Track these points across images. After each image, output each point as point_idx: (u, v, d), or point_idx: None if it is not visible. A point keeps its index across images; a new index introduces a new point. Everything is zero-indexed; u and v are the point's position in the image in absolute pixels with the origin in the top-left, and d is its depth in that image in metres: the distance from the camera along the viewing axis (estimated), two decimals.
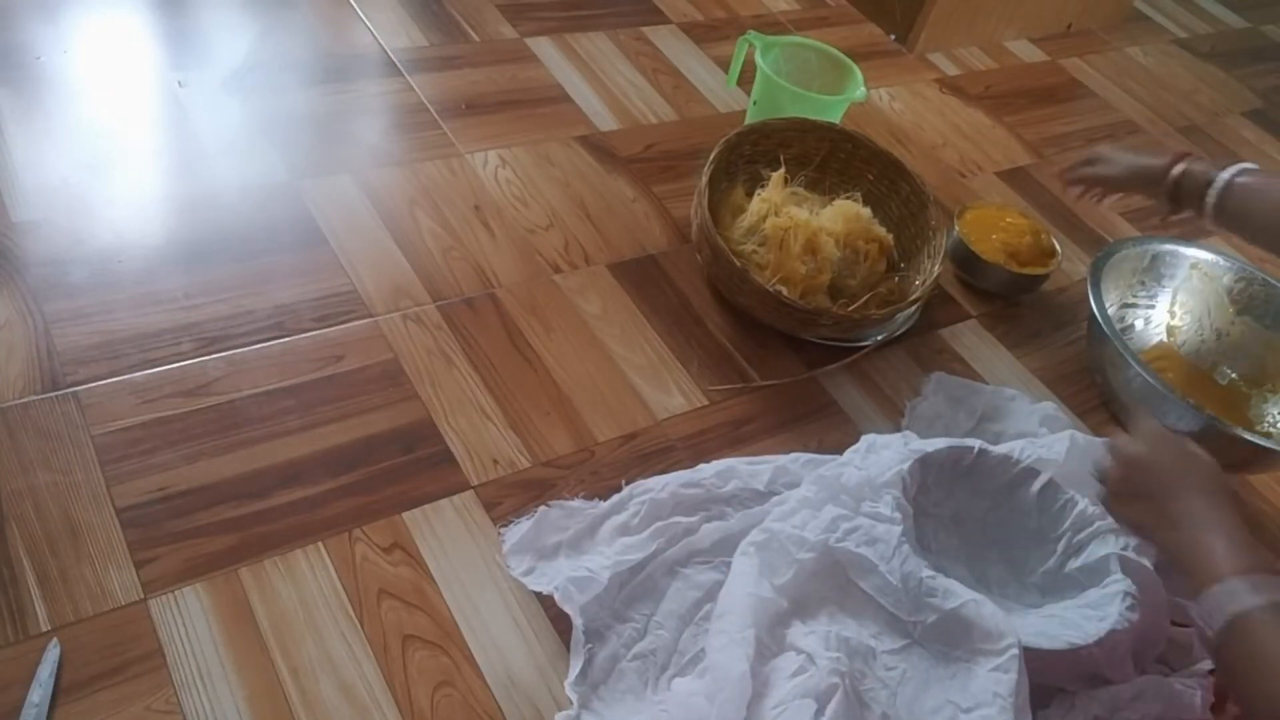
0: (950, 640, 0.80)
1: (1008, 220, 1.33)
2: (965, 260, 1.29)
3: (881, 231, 1.19)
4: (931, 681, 0.79)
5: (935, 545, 0.92)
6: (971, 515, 0.93)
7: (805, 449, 0.99)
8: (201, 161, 1.13)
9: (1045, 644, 0.79)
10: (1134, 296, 1.25)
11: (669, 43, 1.56)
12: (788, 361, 1.13)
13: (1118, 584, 0.83)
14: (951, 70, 1.74)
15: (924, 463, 0.91)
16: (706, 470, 0.92)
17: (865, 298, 1.16)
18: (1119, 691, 0.81)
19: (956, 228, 1.29)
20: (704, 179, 1.13)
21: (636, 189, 1.28)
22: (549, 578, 0.83)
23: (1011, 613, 0.81)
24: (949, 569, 0.88)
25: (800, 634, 0.80)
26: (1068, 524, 0.89)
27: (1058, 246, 1.32)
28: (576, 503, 0.90)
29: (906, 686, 0.78)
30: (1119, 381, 1.11)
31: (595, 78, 1.44)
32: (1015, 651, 0.77)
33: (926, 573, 0.81)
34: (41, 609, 0.76)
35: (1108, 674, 0.81)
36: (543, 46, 1.46)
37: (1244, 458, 1.06)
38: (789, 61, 1.39)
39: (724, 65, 1.52)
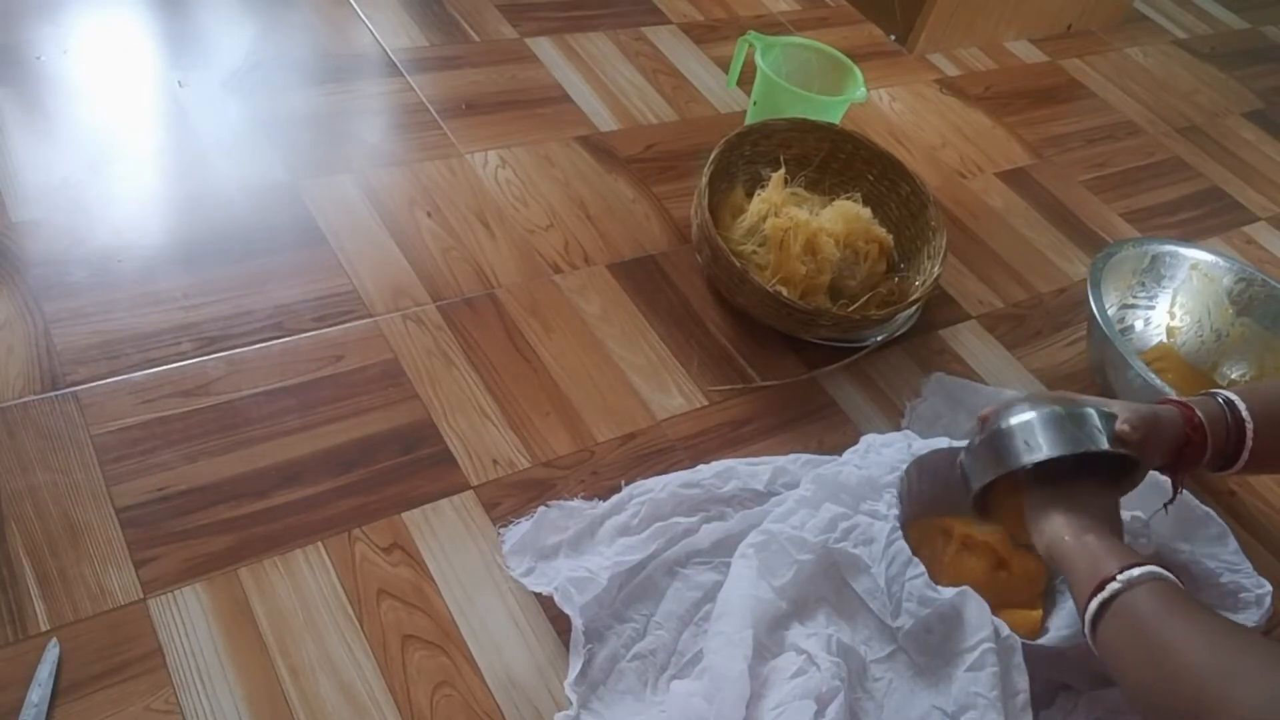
0: (924, 649, 0.79)
1: None
2: None
3: (881, 232, 1.19)
4: (917, 689, 0.78)
5: None
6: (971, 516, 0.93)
7: (805, 449, 0.99)
8: (201, 161, 1.13)
9: (1046, 641, 0.79)
10: (1134, 297, 1.25)
11: (669, 43, 1.56)
12: (788, 362, 1.13)
13: None
14: (951, 71, 1.74)
15: (923, 464, 0.91)
16: (706, 471, 0.92)
17: (865, 298, 1.16)
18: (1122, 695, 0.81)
19: None
20: (704, 179, 1.13)
21: (636, 189, 1.28)
22: (548, 578, 0.83)
23: None
24: None
25: (800, 636, 0.80)
26: None
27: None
28: (576, 503, 0.90)
29: (893, 697, 0.78)
30: (1119, 383, 1.11)
31: (595, 78, 1.44)
32: (989, 645, 0.76)
33: (911, 572, 0.80)
34: (41, 609, 0.76)
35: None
36: (543, 46, 1.46)
37: None
38: (789, 62, 1.39)
39: (724, 65, 1.52)
